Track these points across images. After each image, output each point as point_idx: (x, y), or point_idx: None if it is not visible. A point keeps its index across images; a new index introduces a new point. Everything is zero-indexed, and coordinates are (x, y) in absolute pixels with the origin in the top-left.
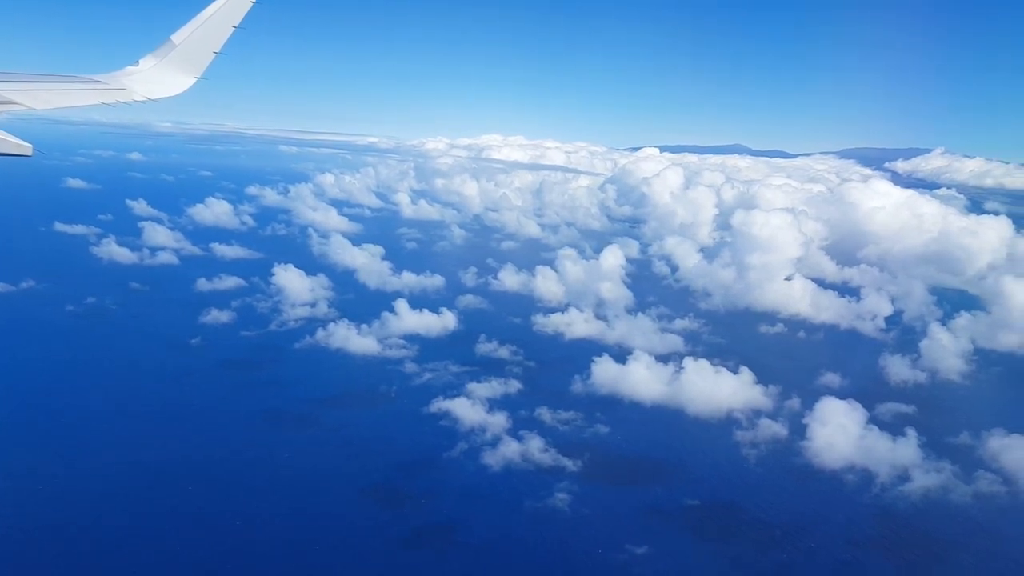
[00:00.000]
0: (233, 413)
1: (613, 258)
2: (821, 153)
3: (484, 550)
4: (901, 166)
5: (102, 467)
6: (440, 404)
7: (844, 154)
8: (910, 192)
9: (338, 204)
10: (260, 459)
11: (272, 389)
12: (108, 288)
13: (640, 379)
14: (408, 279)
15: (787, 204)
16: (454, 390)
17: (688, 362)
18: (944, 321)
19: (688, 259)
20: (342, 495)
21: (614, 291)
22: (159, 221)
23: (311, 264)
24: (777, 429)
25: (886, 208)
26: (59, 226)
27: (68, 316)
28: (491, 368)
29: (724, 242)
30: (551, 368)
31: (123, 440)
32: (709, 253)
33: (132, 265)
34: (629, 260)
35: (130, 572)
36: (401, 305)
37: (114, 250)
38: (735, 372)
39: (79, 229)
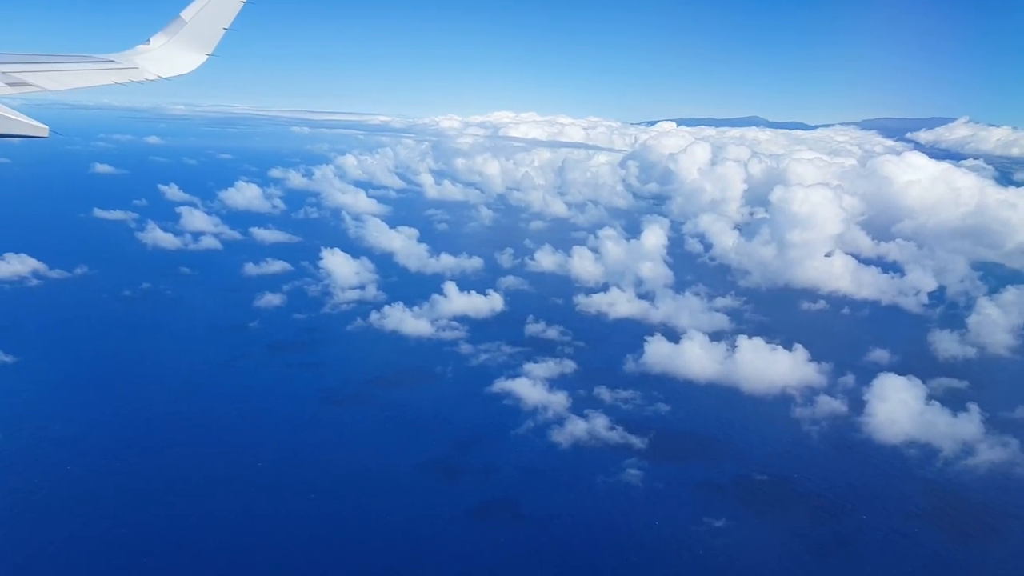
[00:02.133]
0: (290, 393)
1: (654, 237)
2: (841, 124)
3: (560, 524)
4: (924, 136)
5: (172, 444)
6: (502, 384)
7: (865, 125)
8: (945, 165)
9: (362, 185)
10: (319, 436)
11: (327, 370)
12: (159, 273)
13: (694, 357)
14: (447, 261)
15: (818, 179)
16: (511, 370)
17: (742, 340)
18: (989, 295)
19: (722, 236)
20: (402, 470)
21: (655, 270)
22: (193, 206)
23: (350, 247)
24: (836, 406)
25: (921, 182)
26: (98, 212)
27: (126, 301)
28: (543, 348)
29: (760, 219)
30: (601, 348)
31: (190, 419)
32: (745, 230)
33: (177, 250)
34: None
35: (194, 546)
36: (450, 287)
37: (159, 236)
38: (787, 350)
39: (117, 215)
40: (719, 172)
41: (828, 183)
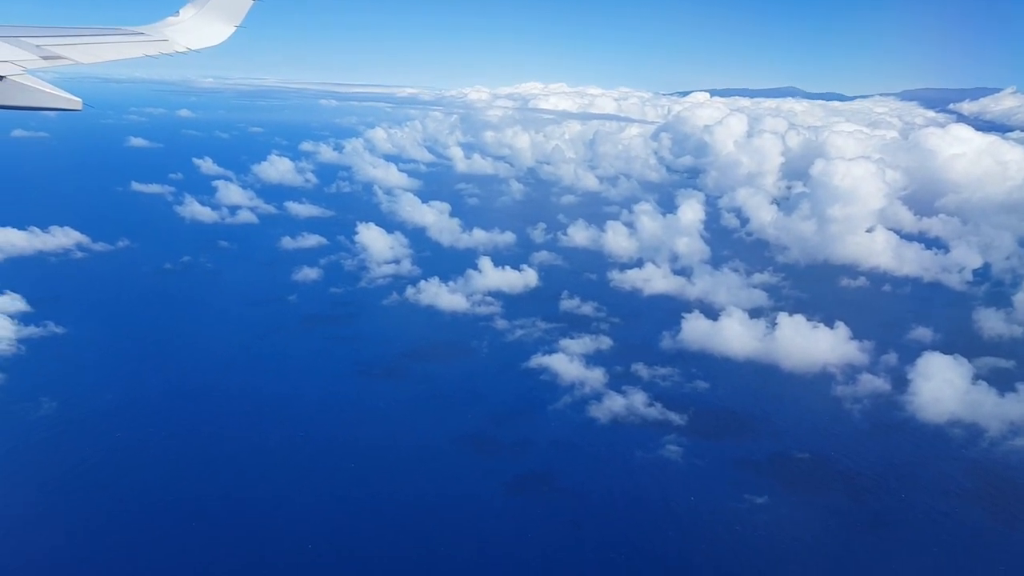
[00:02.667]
0: (328, 365)
1: (691, 211)
2: (880, 95)
3: (597, 498)
4: (967, 107)
5: (212, 414)
6: (539, 360)
7: (905, 95)
8: (991, 137)
9: (391, 159)
10: (355, 408)
11: (363, 343)
12: (199, 247)
13: (733, 334)
14: (479, 236)
15: (859, 152)
16: (547, 346)
17: (782, 317)
18: None
19: (760, 211)
20: (439, 443)
21: (691, 246)
22: (228, 179)
23: (383, 222)
24: (878, 384)
25: (966, 155)
26: (136, 186)
27: (168, 274)
28: (578, 324)
29: (799, 193)
30: (636, 324)
31: (230, 390)
32: (783, 204)
33: (215, 224)
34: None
35: (232, 515)
36: (485, 262)
37: (196, 209)
38: (829, 327)
39: (155, 188)
40: (755, 145)
41: (869, 156)
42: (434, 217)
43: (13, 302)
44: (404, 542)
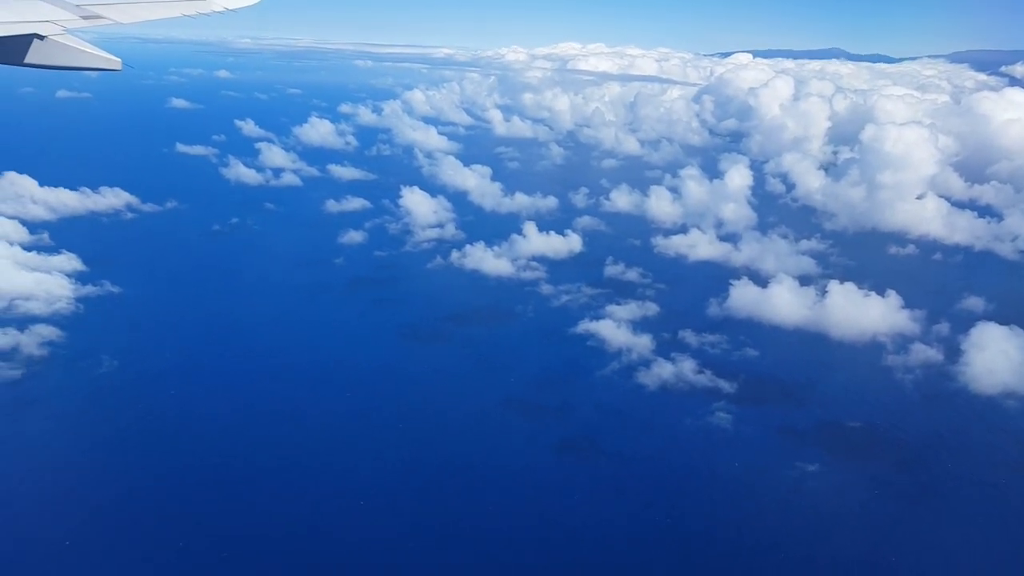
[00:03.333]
0: (373, 328)
1: (739, 177)
2: (929, 57)
3: (646, 464)
4: (1021, 70)
5: (263, 374)
6: (586, 326)
7: (954, 58)
8: None
9: (430, 122)
10: (401, 370)
11: (408, 306)
12: (246, 209)
13: (783, 302)
14: (522, 200)
15: (909, 117)
16: (593, 312)
17: (833, 285)
18: None
19: (807, 177)
20: (485, 406)
21: (738, 211)
22: (270, 141)
23: (425, 186)
24: (930, 354)
25: (1021, 120)
26: (180, 147)
27: (217, 235)
28: (623, 290)
29: (848, 159)
30: (682, 291)
31: (281, 350)
32: (831, 170)
33: (259, 186)
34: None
35: (279, 473)
36: (529, 227)
37: (241, 172)
38: (880, 295)
39: (199, 150)
40: (801, 108)
41: (920, 121)
42: (476, 181)
43: (69, 261)
44: (449, 502)
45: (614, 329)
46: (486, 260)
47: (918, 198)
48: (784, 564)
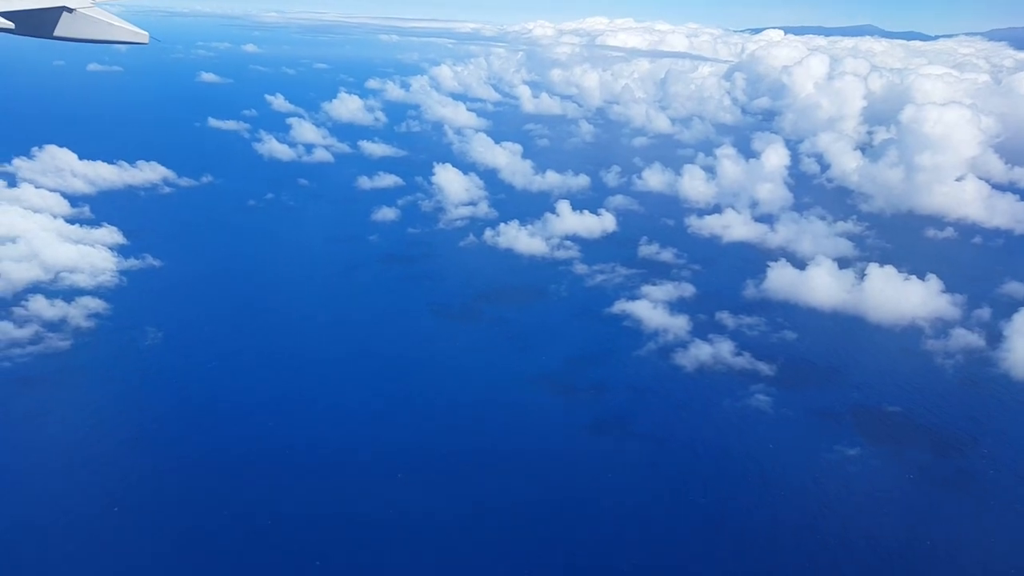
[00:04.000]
0: (405, 304)
1: (776, 157)
2: (965, 34)
3: (683, 444)
4: None
5: (301, 347)
6: (622, 306)
7: (993, 35)
8: None
9: (458, 98)
10: (434, 345)
11: (442, 284)
12: (280, 184)
13: (821, 285)
14: (553, 178)
15: (947, 97)
16: (628, 292)
17: (872, 268)
18: None
19: (842, 157)
20: (517, 383)
21: (774, 192)
22: (300, 117)
23: (455, 163)
24: (971, 339)
25: None
26: (212, 122)
27: (252, 211)
28: (658, 271)
29: (887, 140)
30: (718, 272)
31: (318, 324)
32: (868, 151)
33: (292, 162)
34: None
35: (315, 441)
36: (563, 206)
37: (274, 147)
38: (919, 279)
39: (231, 125)
40: (836, 87)
41: (960, 102)
42: (506, 159)
43: (111, 234)
44: (481, 479)
45: (650, 310)
46: (520, 239)
47: (957, 180)
48: (823, 546)
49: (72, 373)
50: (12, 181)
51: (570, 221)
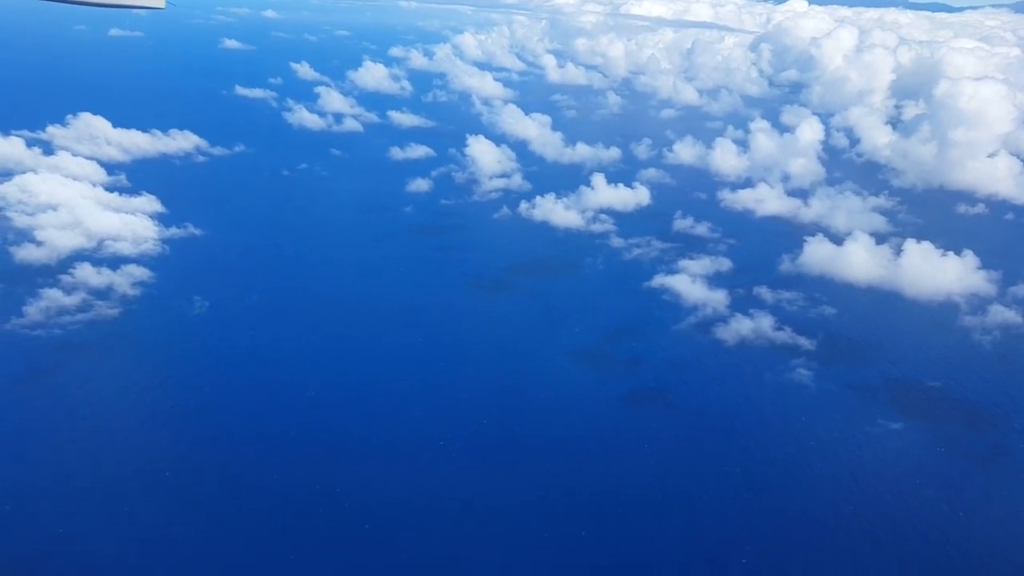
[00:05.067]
0: (439, 275)
1: (810, 131)
2: (992, 7)
3: (724, 416)
4: None
5: (338, 317)
6: (661, 280)
7: (1018, 7)
8: None
9: (481, 67)
10: (469, 318)
11: (477, 255)
12: (312, 154)
13: (858, 260)
14: (583, 151)
15: (978, 71)
16: (665, 266)
17: (909, 244)
18: None
19: (872, 132)
20: (551, 354)
21: (807, 167)
22: (326, 85)
23: (484, 134)
24: (1009, 315)
25: None
26: (239, 90)
27: (288, 181)
28: (693, 245)
29: (920, 114)
30: (753, 246)
31: (357, 294)
32: (900, 126)
33: (322, 131)
34: (790, 130)
35: (347, 411)
36: (598, 179)
37: (304, 116)
38: (955, 255)
39: (258, 93)
40: (865, 60)
41: (994, 76)
42: (536, 130)
43: (150, 203)
44: (520, 446)
45: (689, 284)
46: (556, 211)
47: (990, 156)
48: (860, 520)
49: (123, 340)
50: (48, 148)
51: (605, 194)
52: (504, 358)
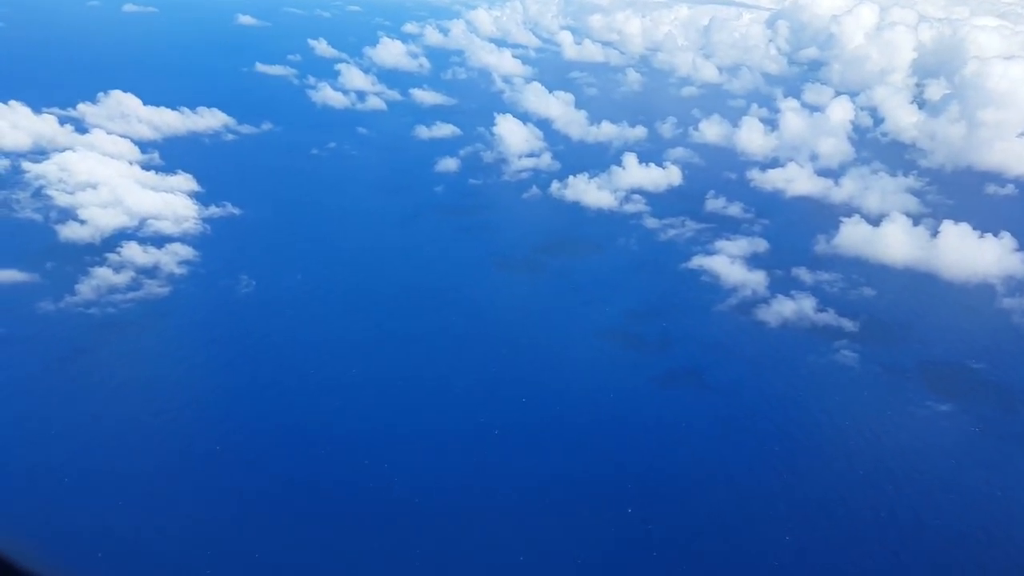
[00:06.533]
0: (472, 256)
1: (842, 111)
2: None
3: (766, 399)
4: None
5: (375, 296)
6: (700, 260)
7: None
8: None
9: (496, 43)
10: (504, 298)
11: (508, 236)
12: (339, 133)
13: (895, 241)
14: (609, 129)
15: (1004, 50)
16: (702, 246)
17: (946, 225)
18: None
19: (897, 111)
20: (590, 335)
21: (837, 146)
22: (344, 62)
23: (508, 112)
24: None
25: None
26: (260, 67)
27: (318, 160)
28: (727, 225)
29: (948, 94)
30: (786, 227)
31: (397, 276)
32: (928, 106)
33: (346, 109)
34: (817, 109)
35: (386, 390)
36: (630, 159)
37: (328, 95)
38: (993, 236)
39: (278, 70)
40: (886, 38)
41: (1020, 55)
42: (560, 108)
43: (186, 181)
44: (551, 429)
45: (728, 264)
46: (588, 191)
47: (1019, 136)
48: (905, 501)
49: (177, 318)
50: (80, 126)
51: (636, 174)
52: (539, 338)
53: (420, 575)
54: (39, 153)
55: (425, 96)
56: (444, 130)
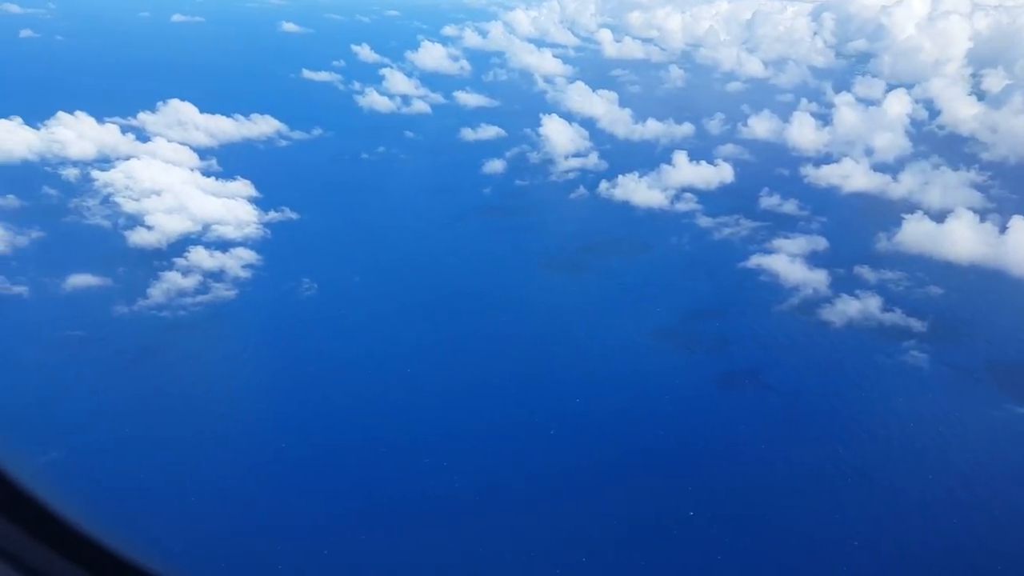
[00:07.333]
0: (521, 257)
1: (899, 104)
2: None
3: (830, 400)
4: None
5: (427, 298)
6: (759, 259)
7: None
8: None
9: (535, 42)
10: (560, 297)
11: (557, 237)
12: (387, 137)
13: (961, 237)
14: (654, 127)
15: None
16: (759, 245)
17: (1015, 221)
18: None
19: (955, 103)
20: (638, 336)
21: (894, 141)
22: (389, 67)
23: (551, 112)
24: None
25: None
26: (306, 73)
27: (369, 164)
28: (784, 223)
29: (1011, 84)
30: (844, 224)
31: (447, 277)
32: (989, 98)
33: (392, 114)
34: (870, 102)
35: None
36: (680, 157)
37: (375, 99)
38: None
39: (324, 76)
40: (939, 28)
41: None
42: (604, 107)
43: (245, 187)
44: (608, 429)
45: (787, 263)
46: (638, 190)
47: None
48: (984, 509)
49: (243, 320)
50: (141, 135)
51: (686, 172)
52: (592, 338)
53: (485, 573)
54: (104, 161)
55: (468, 98)
56: (489, 132)
